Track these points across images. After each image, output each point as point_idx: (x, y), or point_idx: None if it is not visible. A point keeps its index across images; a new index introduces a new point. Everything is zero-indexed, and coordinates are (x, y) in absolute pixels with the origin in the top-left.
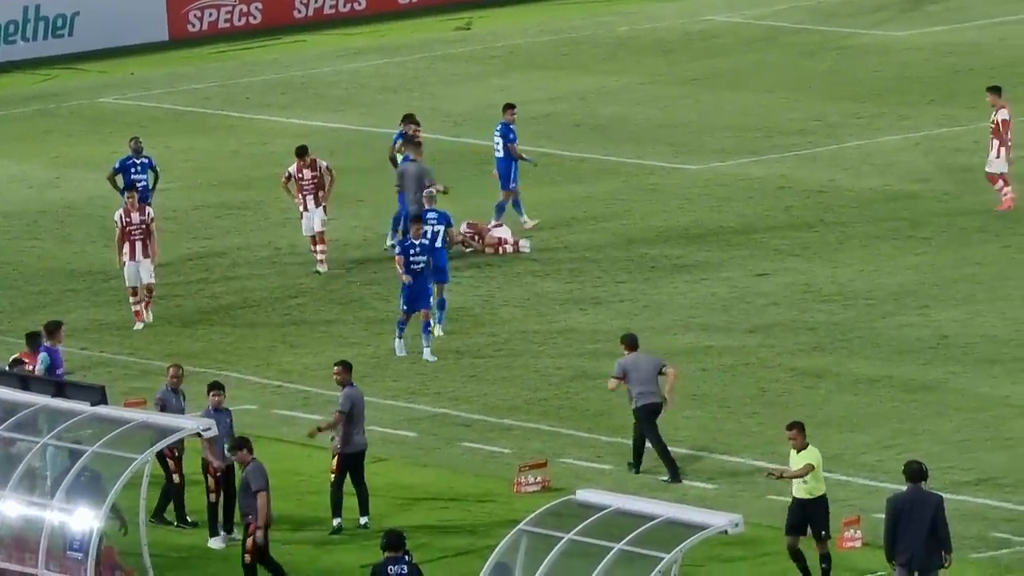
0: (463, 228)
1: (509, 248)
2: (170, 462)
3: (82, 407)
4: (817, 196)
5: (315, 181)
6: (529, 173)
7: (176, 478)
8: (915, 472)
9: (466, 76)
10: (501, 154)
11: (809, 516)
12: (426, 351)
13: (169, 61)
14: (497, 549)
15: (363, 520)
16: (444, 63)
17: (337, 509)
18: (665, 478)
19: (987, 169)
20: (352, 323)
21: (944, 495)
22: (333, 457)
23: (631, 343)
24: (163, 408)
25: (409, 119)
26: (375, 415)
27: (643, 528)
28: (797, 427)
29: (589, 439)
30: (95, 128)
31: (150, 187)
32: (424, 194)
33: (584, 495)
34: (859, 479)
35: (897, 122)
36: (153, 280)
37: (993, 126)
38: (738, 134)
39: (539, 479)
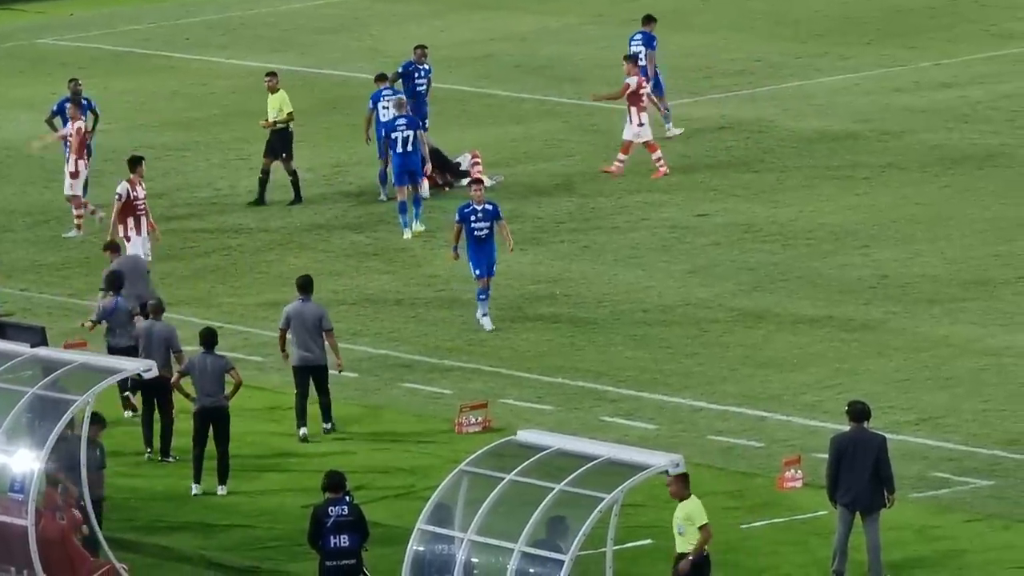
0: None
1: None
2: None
3: (22, 348)
4: (757, 136)
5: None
6: (469, 113)
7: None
8: (859, 412)
9: (405, 16)
10: (643, 63)
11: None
12: (485, 319)
13: (108, 1)
14: (438, 490)
15: (325, 426)
16: (383, 3)
17: (300, 419)
18: None
19: (642, 140)
20: (292, 263)
21: (884, 435)
22: None
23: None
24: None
25: (422, 47)
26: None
27: (584, 468)
28: (681, 479)
29: (530, 379)
30: (34, 69)
31: (90, 129)
32: (393, 101)
33: (525, 435)
34: (799, 419)
35: (837, 62)
36: (149, 258)
37: (629, 96)
38: (678, 74)
39: (480, 419)
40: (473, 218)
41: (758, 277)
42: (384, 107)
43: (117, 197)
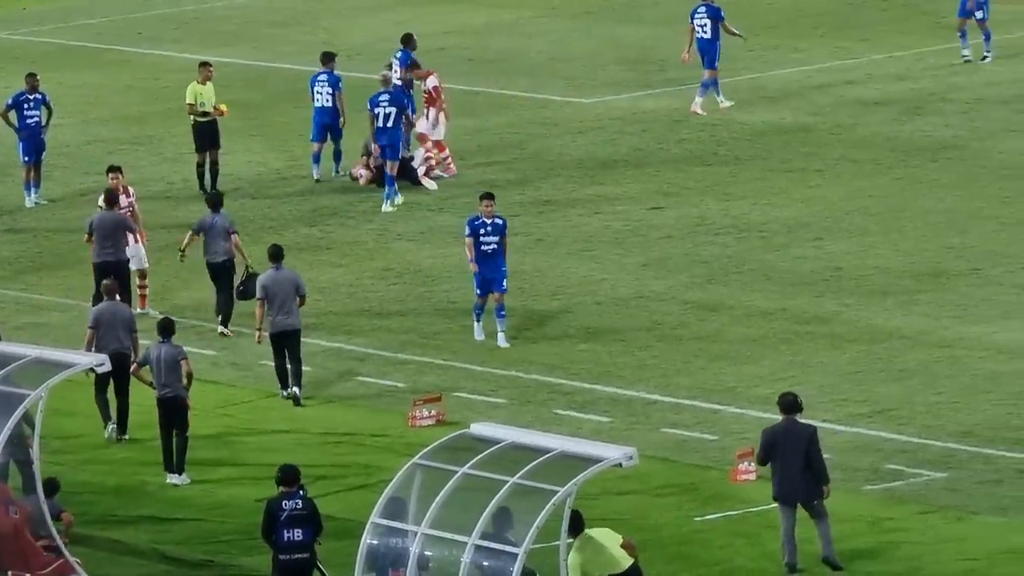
0: (422, 153)
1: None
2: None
3: None
4: (711, 129)
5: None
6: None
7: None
8: (789, 404)
9: (358, 9)
10: (708, 35)
11: None
12: (500, 336)
13: None
14: (392, 483)
15: (295, 390)
16: None
17: (281, 382)
18: None
19: (421, 130)
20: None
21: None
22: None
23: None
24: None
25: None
26: (266, 349)
27: (537, 461)
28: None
29: (483, 372)
30: None
31: (43, 123)
32: (381, 76)
33: (478, 429)
34: (753, 411)
35: (790, 55)
36: (146, 265)
37: (426, 95)
38: (632, 67)
39: (433, 413)
40: (482, 231)
41: (711, 270)
42: (318, 91)
43: (99, 208)
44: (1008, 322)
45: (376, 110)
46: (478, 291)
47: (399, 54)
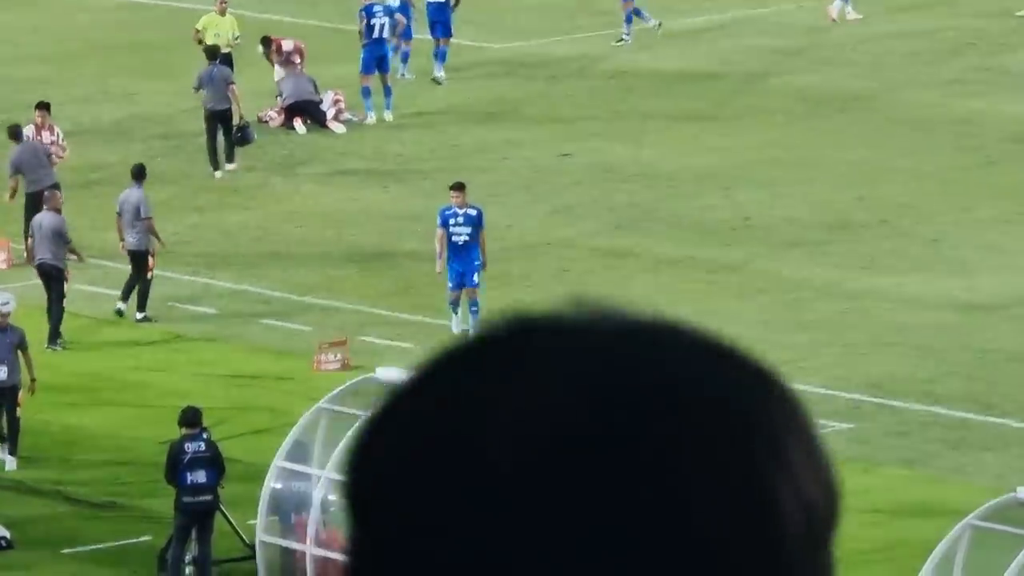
0: (331, 97)
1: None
2: None
3: None
4: (621, 77)
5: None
6: (332, 50)
7: None
8: None
9: None
10: None
11: None
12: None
13: None
14: (296, 427)
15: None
16: None
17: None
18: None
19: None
20: (153, 198)
21: None
22: None
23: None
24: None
25: None
26: (173, 291)
27: None
28: None
29: (389, 317)
30: None
31: None
32: None
33: (384, 373)
34: None
35: (702, 4)
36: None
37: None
38: (542, 13)
39: (339, 357)
40: (452, 222)
41: (620, 217)
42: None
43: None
44: (916, 274)
45: (373, 21)
46: (450, 284)
47: None
